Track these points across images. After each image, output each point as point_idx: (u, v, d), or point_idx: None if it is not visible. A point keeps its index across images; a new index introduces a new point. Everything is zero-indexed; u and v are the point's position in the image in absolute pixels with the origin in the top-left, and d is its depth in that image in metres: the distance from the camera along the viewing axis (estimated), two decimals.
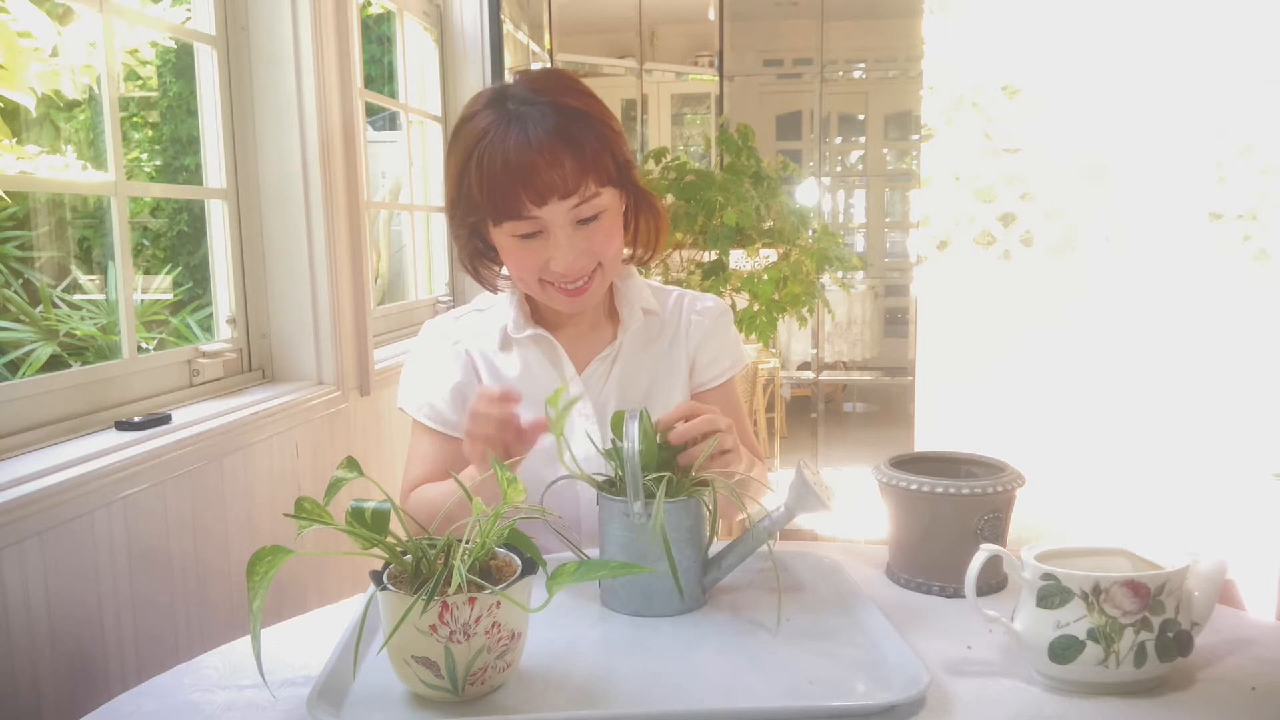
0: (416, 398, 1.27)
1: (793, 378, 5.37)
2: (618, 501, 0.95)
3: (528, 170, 1.08)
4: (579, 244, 1.13)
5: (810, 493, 0.95)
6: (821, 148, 5.93)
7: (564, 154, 1.08)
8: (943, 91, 2.94)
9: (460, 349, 1.26)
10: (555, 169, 1.08)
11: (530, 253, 1.13)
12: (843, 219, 7.17)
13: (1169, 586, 0.81)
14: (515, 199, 1.09)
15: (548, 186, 1.08)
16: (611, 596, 0.99)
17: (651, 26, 5.56)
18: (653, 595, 0.96)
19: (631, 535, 0.95)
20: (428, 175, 3.02)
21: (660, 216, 1.25)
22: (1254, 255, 2.75)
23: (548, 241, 1.12)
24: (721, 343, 1.31)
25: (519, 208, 1.09)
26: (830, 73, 5.41)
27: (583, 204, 1.11)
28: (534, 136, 1.08)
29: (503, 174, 1.08)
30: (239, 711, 0.81)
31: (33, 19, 2.71)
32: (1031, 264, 2.94)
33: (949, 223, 2.99)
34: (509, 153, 1.08)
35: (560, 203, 1.10)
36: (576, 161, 1.09)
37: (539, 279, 1.16)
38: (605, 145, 1.13)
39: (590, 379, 1.24)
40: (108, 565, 1.34)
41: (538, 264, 1.14)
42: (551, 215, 1.11)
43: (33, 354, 3.17)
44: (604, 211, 1.14)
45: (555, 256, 1.12)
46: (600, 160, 1.12)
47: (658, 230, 1.25)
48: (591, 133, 1.11)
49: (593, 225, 1.13)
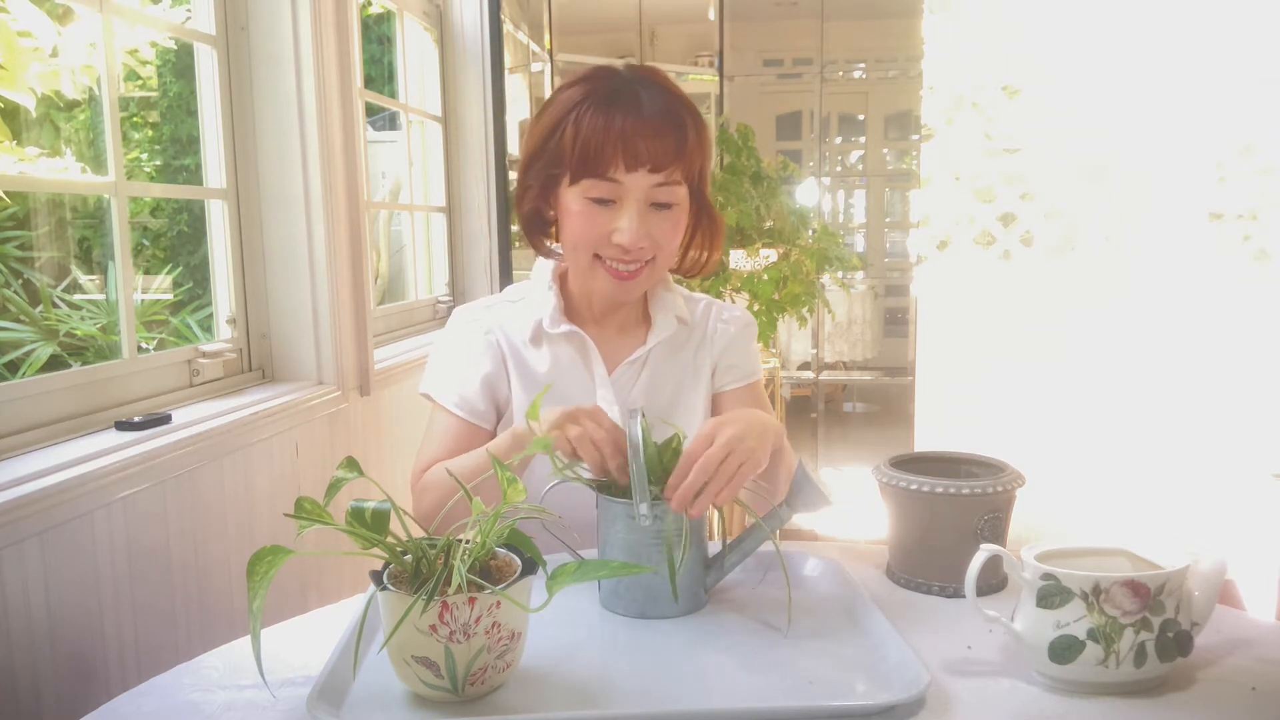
0: (446, 385, 1.25)
1: (793, 378, 5.37)
2: (621, 503, 0.95)
3: (630, 133, 1.10)
4: (649, 225, 1.14)
5: (813, 488, 0.95)
6: (821, 148, 5.93)
7: (668, 132, 1.12)
8: (943, 91, 2.94)
9: (492, 339, 1.25)
10: (656, 141, 1.11)
11: (597, 220, 1.14)
12: (843, 219, 7.16)
13: (1169, 586, 0.81)
14: (608, 157, 1.10)
15: (645, 154, 1.11)
16: (613, 599, 0.99)
17: (651, 26, 5.56)
18: (657, 597, 0.96)
19: (635, 537, 0.95)
20: (428, 175, 3.02)
21: (719, 235, 1.27)
22: (1254, 255, 2.75)
23: (618, 212, 1.13)
24: (744, 351, 1.32)
25: (608, 166, 1.11)
26: (830, 73, 5.41)
27: (664, 186, 1.13)
28: (647, 106, 1.12)
29: (604, 130, 1.10)
30: (239, 711, 0.81)
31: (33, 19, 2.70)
32: (1031, 264, 2.95)
33: (949, 223, 2.99)
34: (617, 113, 1.11)
35: (648, 175, 1.12)
36: (677, 144, 1.12)
37: (594, 253, 1.16)
38: (701, 145, 1.17)
39: (619, 382, 1.24)
40: (108, 565, 1.34)
41: (600, 233, 1.14)
42: (633, 185, 1.12)
43: (33, 354, 3.17)
44: (676, 206, 1.16)
45: (622, 228, 1.13)
46: (693, 156, 1.15)
47: (713, 247, 1.27)
48: (695, 127, 1.15)
49: (663, 213, 1.15)
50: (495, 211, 3.04)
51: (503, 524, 0.82)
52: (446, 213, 3.04)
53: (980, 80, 2.90)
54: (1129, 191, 2.84)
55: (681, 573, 0.94)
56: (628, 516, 0.94)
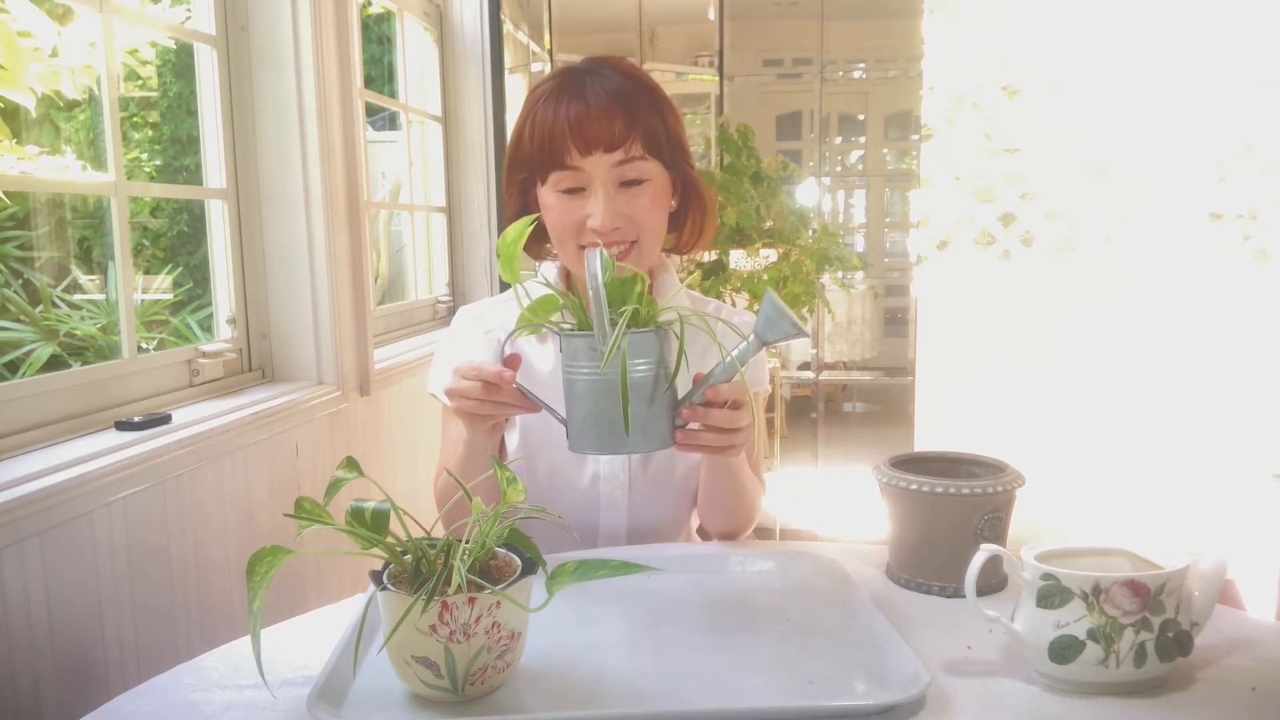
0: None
1: (793, 378, 5.37)
2: (582, 338, 0.91)
3: (578, 120, 1.12)
4: (619, 205, 1.14)
5: (782, 316, 0.91)
6: (821, 148, 5.93)
7: (616, 110, 1.13)
8: (943, 91, 2.94)
9: (493, 337, 1.26)
10: (605, 122, 1.12)
11: (570, 209, 1.15)
12: (843, 219, 7.16)
13: (1169, 586, 0.81)
14: (562, 147, 1.13)
15: (595, 137, 1.12)
16: (580, 440, 0.94)
17: (651, 26, 5.55)
18: (622, 431, 0.90)
19: (599, 372, 0.89)
20: (428, 175, 3.02)
21: (708, 208, 1.27)
22: (1254, 255, 2.75)
23: (588, 199, 1.14)
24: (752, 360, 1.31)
25: (564, 155, 1.13)
26: (830, 73, 5.41)
27: (626, 163, 1.14)
28: (591, 92, 1.14)
29: (553, 122, 1.13)
30: (239, 711, 0.81)
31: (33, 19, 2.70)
32: (1031, 264, 2.95)
33: (949, 223, 2.99)
34: (565, 105, 1.13)
35: (604, 155, 1.13)
36: (627, 119, 1.13)
37: (577, 244, 1.17)
38: (659, 115, 1.17)
39: None
40: (108, 565, 1.34)
41: (575, 221, 1.15)
42: (595, 168, 1.13)
43: (33, 354, 3.17)
44: (649, 181, 1.16)
45: (592, 212, 1.14)
46: (651, 126, 1.16)
47: (704, 221, 1.27)
48: (647, 100, 1.16)
49: (635, 191, 1.15)
50: (495, 211, 3.04)
51: (502, 524, 0.82)
52: (446, 213, 3.04)
53: (980, 80, 2.90)
54: (1129, 191, 2.84)
55: (651, 409, 0.91)
56: (590, 349, 0.90)
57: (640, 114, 1.15)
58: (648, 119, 1.15)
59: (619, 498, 1.25)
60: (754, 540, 1.26)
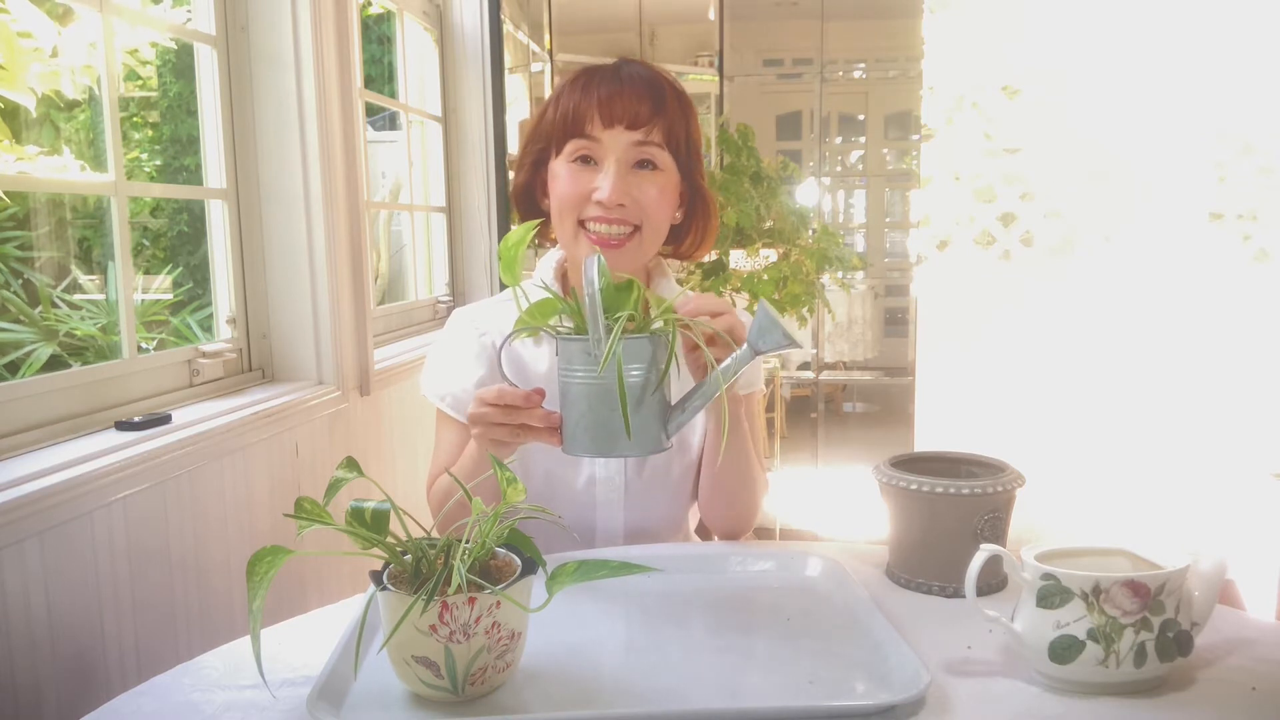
0: (440, 387, 1.27)
1: (793, 378, 5.37)
2: (578, 341, 0.91)
3: (607, 95, 1.16)
4: (629, 184, 1.16)
5: (775, 325, 0.91)
6: (821, 148, 5.93)
7: (646, 95, 1.17)
8: (943, 91, 2.94)
9: (487, 340, 1.26)
10: (633, 100, 1.16)
11: (579, 179, 1.17)
12: (843, 219, 7.17)
13: (1169, 586, 0.81)
14: (586, 115, 1.16)
15: (621, 111, 1.15)
16: (573, 442, 0.94)
17: (651, 26, 5.55)
18: (617, 435, 0.91)
19: (594, 376, 0.90)
20: (428, 175, 3.02)
21: (712, 216, 1.30)
22: (1254, 255, 2.75)
23: (599, 173, 1.17)
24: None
25: (586, 124, 1.16)
26: (830, 73, 5.41)
27: (644, 145, 1.17)
28: (625, 75, 1.18)
29: (583, 97, 1.17)
30: (239, 711, 0.81)
31: (33, 19, 2.70)
32: (1031, 264, 2.94)
33: (949, 223, 2.99)
34: (596, 85, 1.17)
35: (625, 132, 1.16)
36: (654, 105, 1.17)
37: (578, 219, 1.18)
38: (684, 116, 1.21)
39: None
40: (107, 565, 1.34)
41: (582, 192, 1.17)
42: (613, 142, 1.16)
43: (33, 354, 3.17)
44: (661, 172, 1.19)
45: (601, 184, 1.16)
46: (675, 122, 1.19)
47: (706, 228, 1.30)
48: (676, 99, 1.20)
49: (645, 175, 1.18)
50: (495, 211, 3.04)
51: (503, 524, 0.82)
52: (446, 213, 3.04)
53: (980, 80, 2.90)
54: (1129, 191, 2.84)
55: (643, 413, 0.91)
56: (585, 353, 0.91)
57: (667, 106, 1.18)
58: (673, 113, 1.19)
59: (615, 499, 1.25)
60: (754, 540, 1.26)
